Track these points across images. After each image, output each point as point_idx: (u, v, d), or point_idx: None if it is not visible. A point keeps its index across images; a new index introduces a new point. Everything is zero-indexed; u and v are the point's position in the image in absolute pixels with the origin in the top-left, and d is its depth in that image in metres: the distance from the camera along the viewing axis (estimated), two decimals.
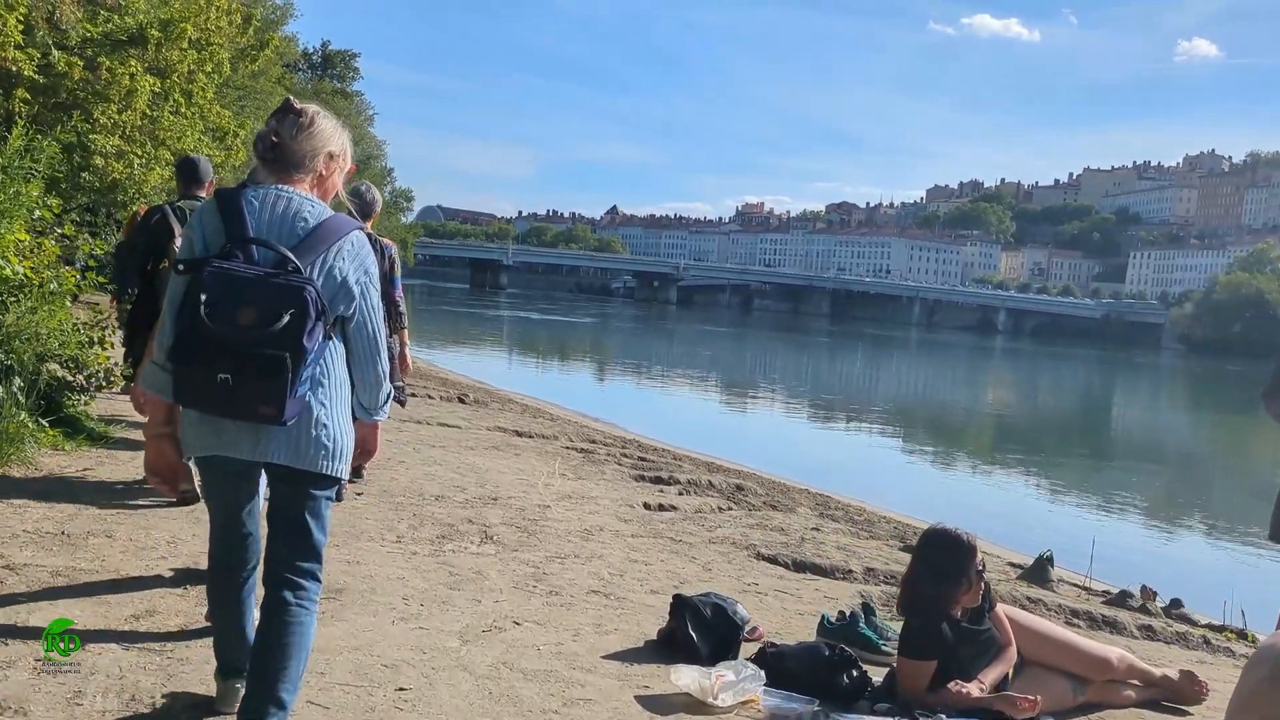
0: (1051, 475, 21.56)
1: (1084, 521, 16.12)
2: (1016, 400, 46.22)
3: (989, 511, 15.97)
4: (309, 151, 3.30)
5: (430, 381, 19.83)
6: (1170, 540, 15.99)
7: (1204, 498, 21.29)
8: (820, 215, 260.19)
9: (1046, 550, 8.73)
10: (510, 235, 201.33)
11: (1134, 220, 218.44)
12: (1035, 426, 34.03)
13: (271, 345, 2.96)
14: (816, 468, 17.90)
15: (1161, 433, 37.16)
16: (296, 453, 3.17)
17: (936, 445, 25.82)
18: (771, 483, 12.80)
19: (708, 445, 17.86)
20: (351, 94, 75.00)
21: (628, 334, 73.21)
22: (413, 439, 10.76)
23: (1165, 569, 11.73)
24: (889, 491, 16.02)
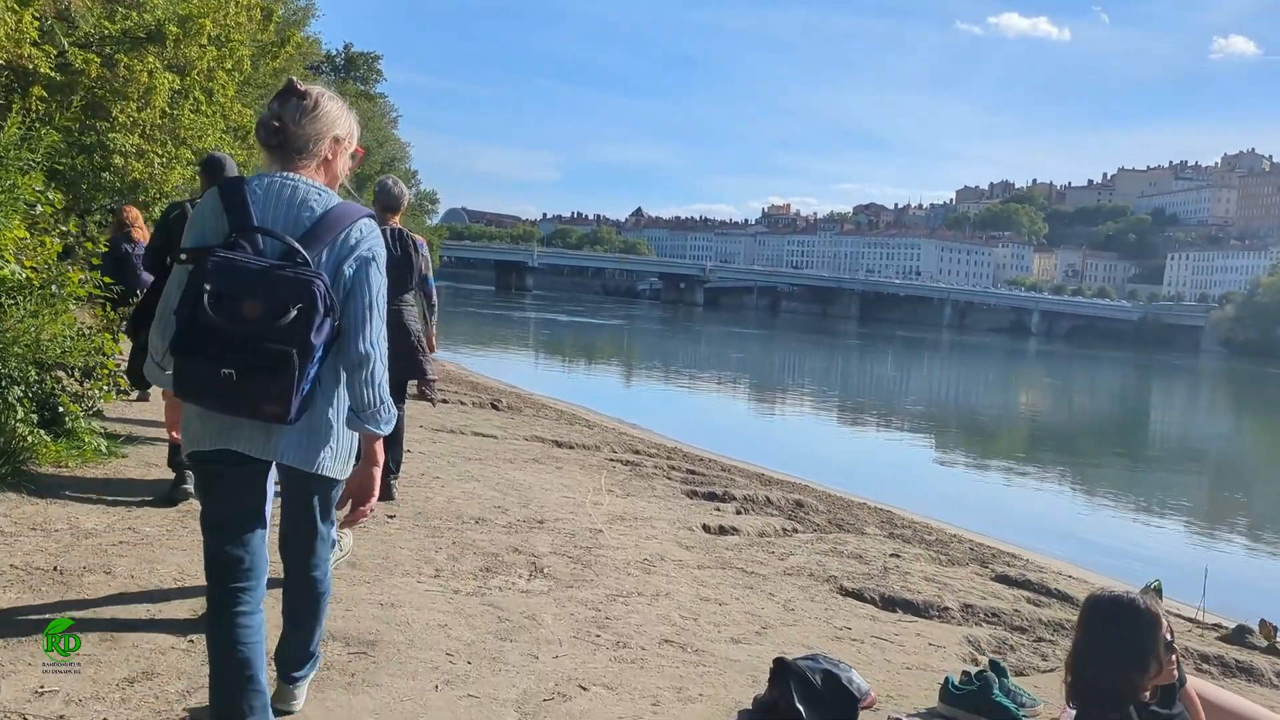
0: (1124, 488, 20.54)
1: (1170, 539, 15.21)
2: (1065, 405, 45.08)
3: (1064, 529, 15.07)
4: (314, 135, 3.15)
5: (461, 386, 19.10)
6: (1271, 562, 14.90)
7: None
8: (848, 217, 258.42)
9: (1154, 580, 7.84)
10: (535, 237, 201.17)
11: (1171, 221, 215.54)
12: (1094, 434, 32.96)
13: (278, 340, 2.85)
14: (869, 478, 17.12)
15: (1235, 440, 36.03)
16: (306, 454, 3.08)
17: (990, 453, 24.87)
18: (829, 497, 11.98)
19: (752, 453, 17.22)
20: (375, 96, 74.69)
21: (656, 336, 72.44)
22: (447, 450, 9.99)
23: (1272, 597, 10.80)
24: (951, 505, 15.15)
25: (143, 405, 10.07)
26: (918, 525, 10.88)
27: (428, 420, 12.03)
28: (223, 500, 3.15)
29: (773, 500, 10.00)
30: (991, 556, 9.42)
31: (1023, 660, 5.54)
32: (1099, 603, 3.48)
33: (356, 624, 4.56)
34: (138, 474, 6.98)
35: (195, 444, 3.10)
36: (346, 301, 3.05)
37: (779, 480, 12.91)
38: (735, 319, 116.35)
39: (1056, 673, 5.34)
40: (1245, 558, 14.53)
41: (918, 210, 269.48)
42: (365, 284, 3.08)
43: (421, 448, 9.89)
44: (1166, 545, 14.71)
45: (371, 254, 3.10)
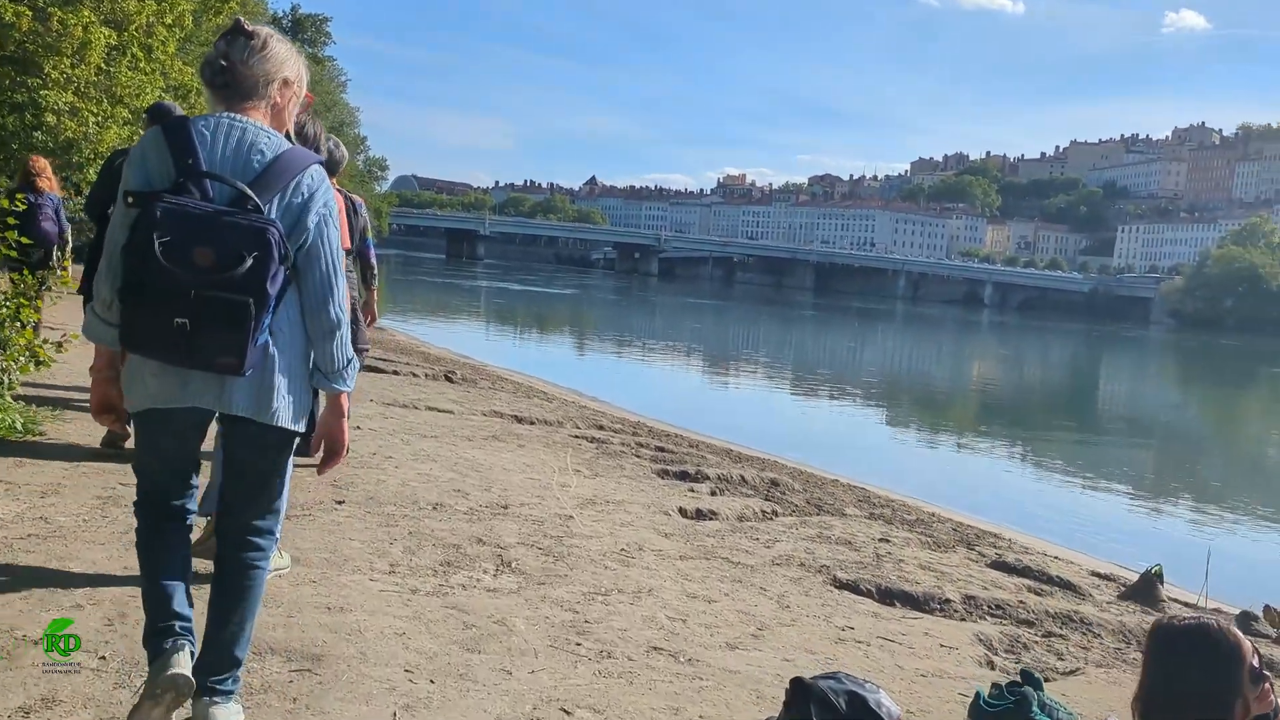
0: (1094, 463, 20.20)
1: (1155, 519, 14.86)
2: (1025, 378, 44.94)
3: (1040, 507, 14.68)
4: (262, 76, 3.04)
5: (413, 357, 18.44)
6: (1258, 542, 14.50)
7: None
8: (803, 188, 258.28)
9: (1154, 565, 7.42)
10: (487, 205, 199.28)
11: (1122, 194, 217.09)
12: (1056, 407, 32.75)
13: (234, 290, 2.77)
14: (837, 453, 16.82)
15: (1202, 415, 35.96)
16: (259, 404, 2.97)
17: (955, 428, 24.52)
18: (803, 474, 11.49)
19: (716, 428, 16.81)
20: (323, 59, 73.24)
21: (611, 306, 71.84)
22: (400, 427, 9.34)
23: (1269, 580, 10.39)
24: (923, 482, 14.85)
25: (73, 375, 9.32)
26: (895, 504, 10.42)
27: (379, 394, 11.38)
28: (161, 451, 3.09)
29: (747, 479, 9.45)
30: (976, 538, 8.98)
31: (1039, 660, 5.03)
32: (1168, 635, 2.86)
33: (300, 634, 3.94)
34: (57, 456, 6.30)
35: (150, 401, 2.97)
36: (309, 264, 2.99)
37: (749, 457, 12.41)
38: (690, 289, 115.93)
39: (1080, 676, 4.84)
40: (1230, 538, 14.17)
41: (873, 182, 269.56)
42: (324, 243, 3.01)
43: (372, 424, 9.25)
44: (1148, 524, 14.38)
45: (327, 209, 3.02)
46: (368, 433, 8.69)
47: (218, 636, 3.08)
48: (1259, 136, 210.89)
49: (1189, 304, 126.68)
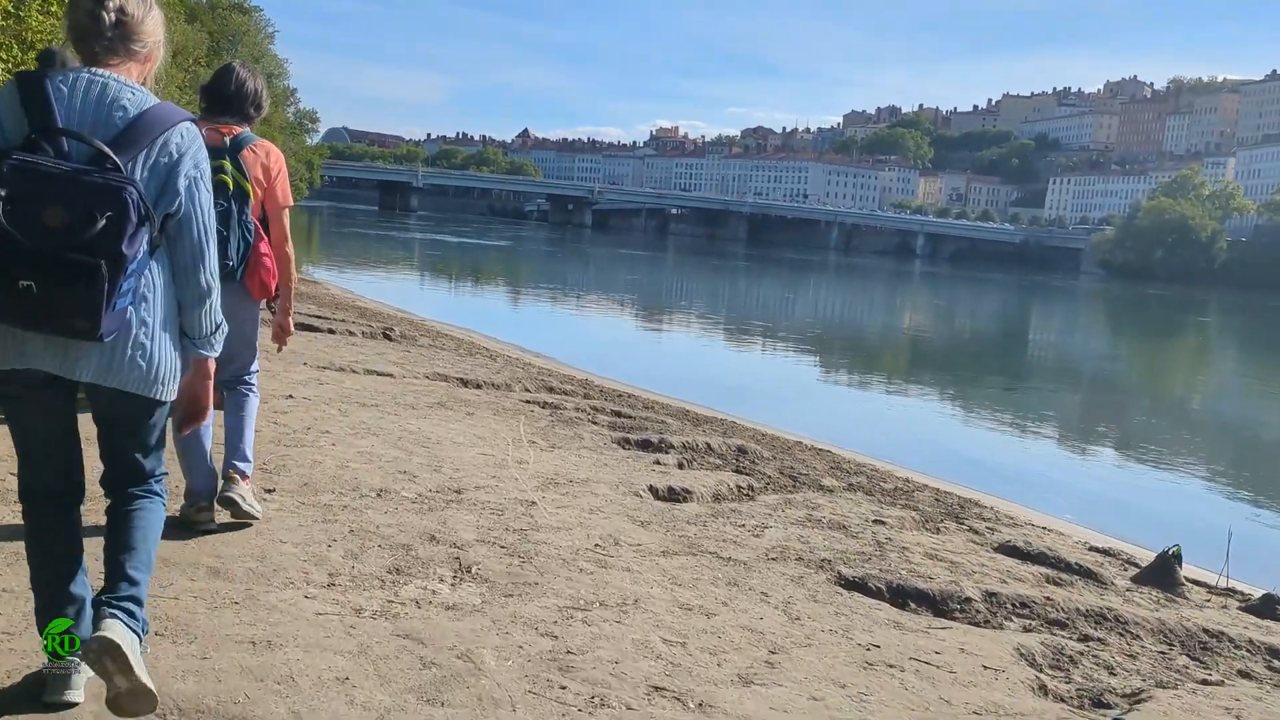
0: (1049, 418, 19.89)
1: (1145, 480, 14.33)
2: (963, 327, 44.83)
3: (1009, 465, 14.19)
4: (151, 34, 2.91)
5: (349, 313, 17.47)
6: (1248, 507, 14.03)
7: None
8: (736, 140, 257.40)
9: (1172, 545, 6.77)
10: (420, 157, 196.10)
11: (1053, 146, 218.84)
12: (999, 356, 32.45)
13: (85, 251, 2.62)
14: (791, 410, 16.35)
15: (1146, 361, 35.89)
16: (109, 371, 2.81)
17: (904, 379, 24.05)
18: (765, 437, 10.80)
19: (667, 383, 16.51)
20: (250, 9, 70.93)
21: (546, 258, 70.84)
22: (337, 394, 8.47)
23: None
24: (885, 439, 14.43)
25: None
26: (867, 470, 9.75)
27: (313, 356, 10.49)
28: (30, 425, 2.94)
29: (713, 448, 8.72)
30: (960, 508, 8.35)
31: (1091, 678, 4.34)
32: None
33: (216, 685, 3.11)
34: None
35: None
36: (180, 229, 2.88)
37: (707, 418, 11.70)
38: (624, 241, 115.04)
39: (1151, 703, 4.15)
40: (1210, 502, 13.72)
41: (805, 134, 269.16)
42: (196, 207, 2.89)
43: (306, 391, 8.38)
44: (1130, 487, 13.88)
45: (198, 170, 2.89)
46: (301, 403, 7.83)
47: (112, 560, 2.94)
48: (1190, 90, 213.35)
49: (1119, 255, 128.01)
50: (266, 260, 4.73)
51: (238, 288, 4.63)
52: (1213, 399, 26.35)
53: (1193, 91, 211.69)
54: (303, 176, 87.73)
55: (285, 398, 7.90)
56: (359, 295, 24.64)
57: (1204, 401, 25.82)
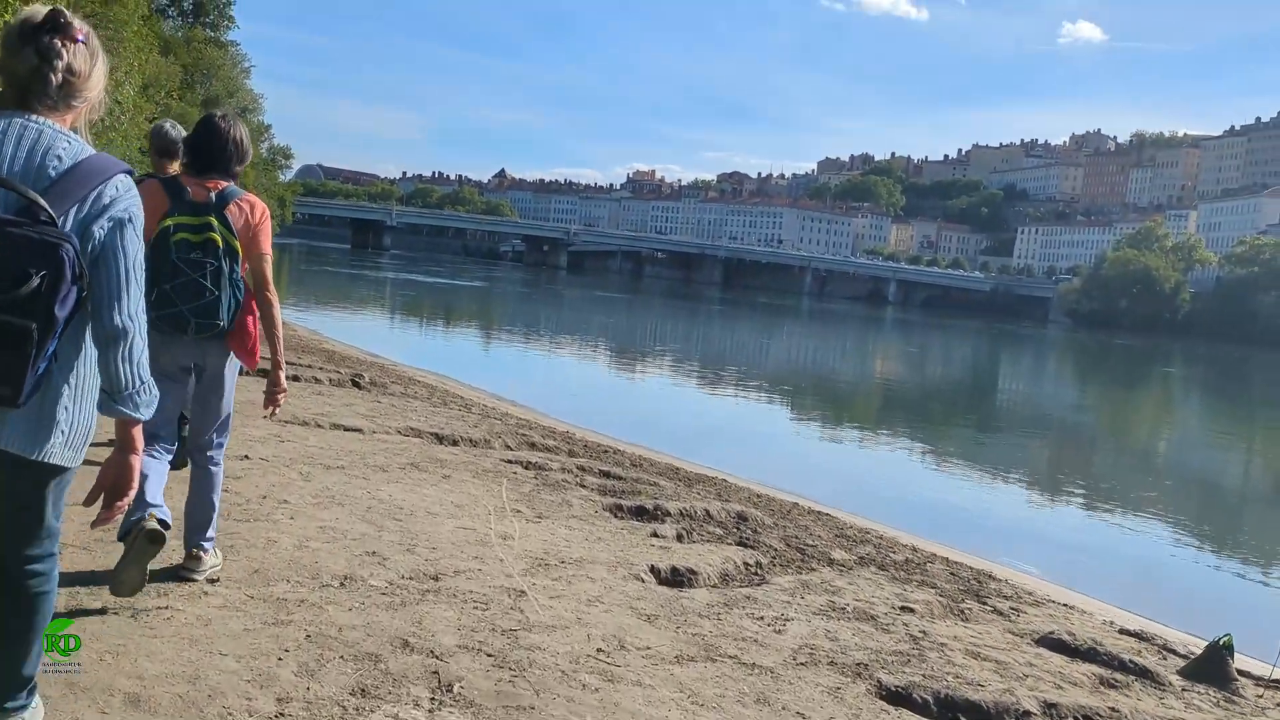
0: (1058, 477, 19.37)
1: (1146, 546, 13.67)
2: (937, 374, 44.37)
3: (1009, 528, 13.58)
4: (95, 86, 2.74)
5: (316, 357, 16.68)
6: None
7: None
8: (712, 184, 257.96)
9: (1223, 635, 6.08)
10: (394, 196, 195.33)
11: (1021, 197, 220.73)
12: (976, 406, 31.94)
13: (15, 312, 2.43)
14: (778, 464, 15.84)
15: (1128, 414, 35.43)
16: (33, 439, 2.60)
17: (888, 428, 23.38)
18: (762, 500, 10.11)
19: (651, 435, 16.10)
20: (226, 44, 70.34)
21: (520, 299, 70.16)
22: (300, 454, 7.68)
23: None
24: (877, 498, 14.02)
25: None
26: (872, 538, 9.07)
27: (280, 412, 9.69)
28: None
29: (712, 515, 8.00)
30: (978, 584, 7.70)
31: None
32: None
33: None
34: None
35: None
36: (95, 267, 2.60)
37: (699, 477, 10.98)
38: (599, 283, 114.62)
39: None
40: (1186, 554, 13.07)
41: (780, 180, 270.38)
42: (118, 249, 2.63)
43: (265, 450, 7.59)
44: (1134, 554, 13.21)
45: (127, 215, 2.66)
46: (258, 465, 7.05)
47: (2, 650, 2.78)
48: (1152, 144, 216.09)
49: (1085, 304, 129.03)
50: (251, 322, 4.55)
51: (222, 348, 4.53)
52: (1193, 454, 25.84)
53: (1154, 145, 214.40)
54: (274, 214, 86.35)
55: (241, 458, 7.12)
56: (327, 338, 23.83)
57: (1185, 457, 25.33)
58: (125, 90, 24.78)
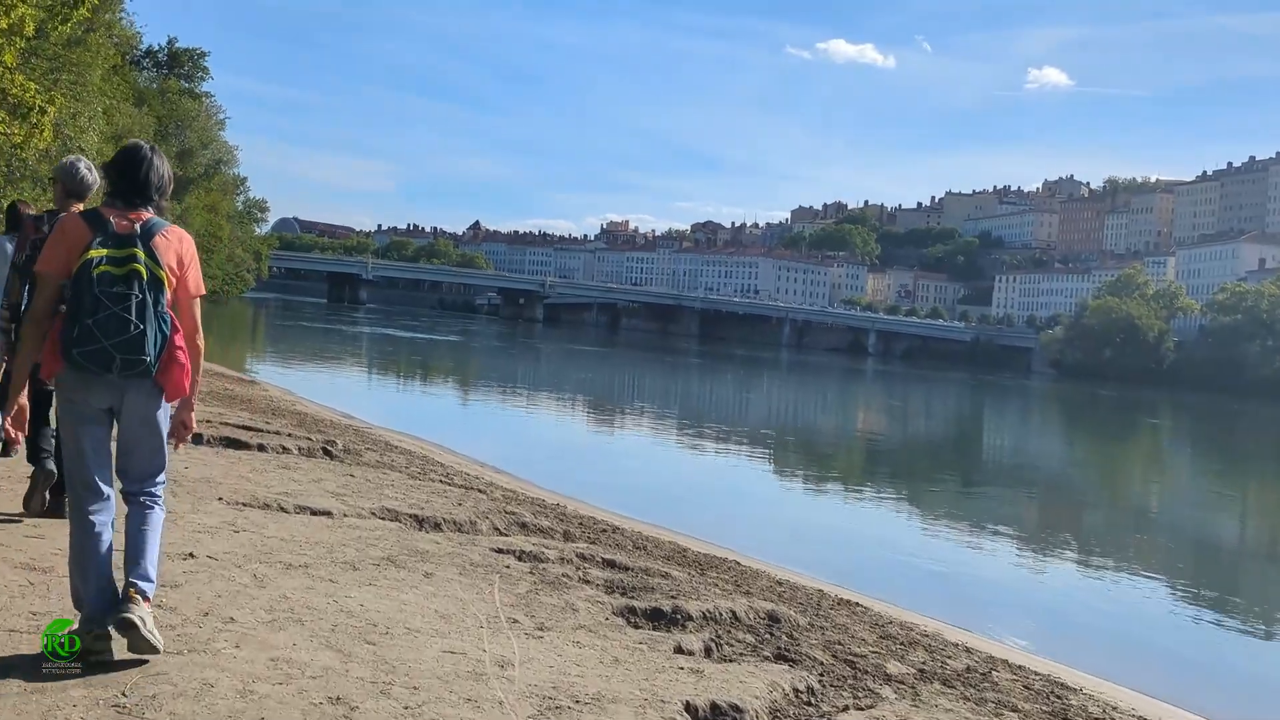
0: (1078, 545, 18.40)
1: (1197, 629, 12.59)
2: (924, 428, 43.42)
3: (1046, 610, 12.53)
4: None
5: (286, 420, 15.50)
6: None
7: None
8: (686, 234, 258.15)
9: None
10: (369, 249, 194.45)
11: (997, 244, 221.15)
12: (981, 468, 30.96)
13: None
14: (781, 532, 15.22)
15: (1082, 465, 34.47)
16: None
17: (890, 490, 22.27)
18: (785, 588, 9.00)
19: (642, 504, 15.26)
20: (200, 95, 69.48)
21: (497, 354, 69.12)
22: (256, 550, 6.49)
23: None
24: (891, 573, 13.07)
25: None
26: (919, 638, 7.95)
27: (233, 486, 8.50)
28: None
29: (740, 617, 6.89)
30: (1058, 698, 6.69)
31: None
32: None
33: None
34: None
35: None
36: None
37: (709, 560, 9.85)
38: (576, 336, 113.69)
39: None
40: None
41: (754, 229, 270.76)
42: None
43: (215, 544, 6.41)
44: (1179, 637, 12.14)
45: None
46: (204, 566, 5.86)
47: None
48: (1125, 189, 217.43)
49: (1069, 354, 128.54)
50: (181, 355, 4.34)
51: (150, 386, 4.31)
52: (1210, 517, 24.86)
53: (1128, 191, 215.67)
54: (249, 267, 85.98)
55: (184, 557, 5.93)
56: (300, 398, 22.64)
57: (1225, 526, 24.32)
58: (89, 137, 23.76)
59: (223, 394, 18.15)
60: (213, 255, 66.30)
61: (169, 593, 5.14)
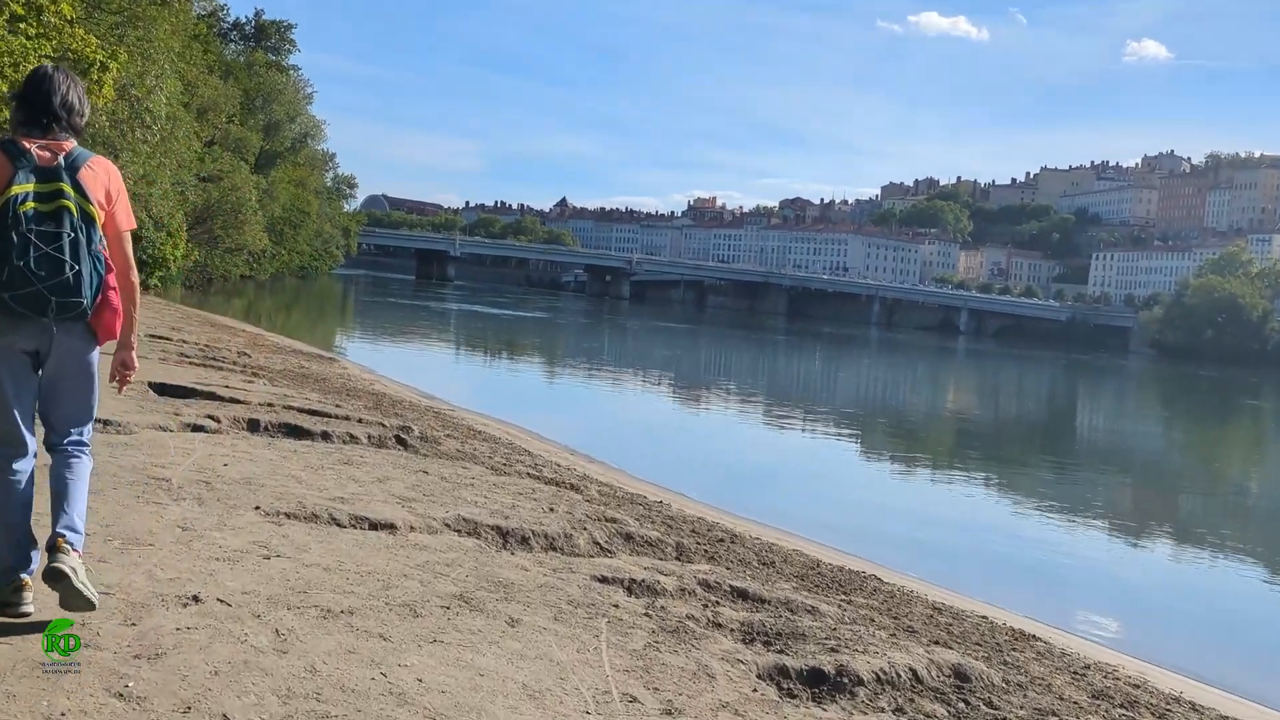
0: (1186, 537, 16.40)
1: None
2: (1040, 412, 41.19)
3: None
4: None
5: (361, 401, 14.08)
6: None
7: None
8: (774, 211, 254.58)
9: None
10: (457, 226, 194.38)
11: (1094, 221, 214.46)
12: (1090, 453, 28.84)
13: None
14: (913, 531, 13.62)
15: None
16: None
17: (1009, 480, 20.35)
18: (947, 612, 7.31)
19: (747, 495, 14.45)
20: (287, 68, 68.94)
21: (582, 330, 67.83)
22: (285, 588, 4.91)
23: None
24: (1042, 584, 11.45)
25: None
26: (1125, 686, 6.24)
27: (277, 487, 7.00)
28: None
29: (920, 675, 5.21)
30: None
31: None
32: None
33: None
34: None
35: None
36: None
37: (852, 578, 8.30)
38: (662, 313, 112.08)
39: None
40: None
41: (843, 206, 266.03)
42: None
43: (232, 578, 4.85)
44: None
45: None
46: (209, 615, 4.30)
47: None
48: (1228, 165, 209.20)
49: (1169, 334, 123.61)
50: (114, 296, 4.10)
51: (83, 330, 4.04)
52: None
53: (1231, 166, 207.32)
54: (338, 244, 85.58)
55: (185, 602, 4.39)
56: (379, 377, 21.31)
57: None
58: (157, 99, 22.47)
59: (296, 372, 16.87)
60: (299, 230, 65.79)
61: (143, 668, 3.60)
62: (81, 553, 3.98)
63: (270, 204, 55.08)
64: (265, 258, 55.26)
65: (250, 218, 45.00)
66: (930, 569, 11.06)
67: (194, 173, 37.48)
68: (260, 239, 48.11)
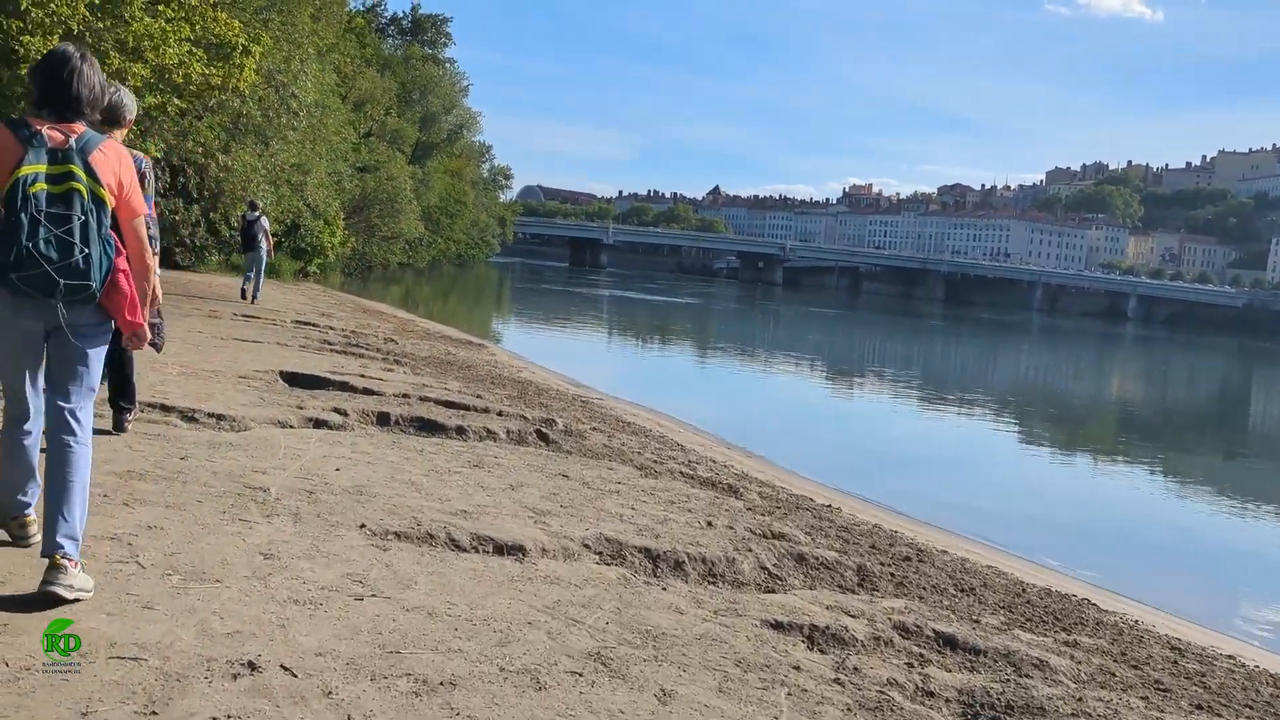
0: None
1: None
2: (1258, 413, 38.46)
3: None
4: None
5: (505, 390, 13.11)
6: None
7: None
8: (932, 197, 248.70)
9: None
10: (610, 214, 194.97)
11: (1275, 205, 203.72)
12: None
13: None
14: (1072, 525, 12.15)
15: None
16: None
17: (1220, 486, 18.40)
18: (1184, 652, 5.97)
19: (914, 492, 13.20)
20: (443, 61, 69.21)
21: (734, 316, 66.53)
22: (375, 645, 3.82)
23: None
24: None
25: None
26: None
27: (392, 497, 5.96)
28: None
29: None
30: None
31: None
32: None
33: None
34: None
35: None
36: None
37: (1067, 608, 6.92)
38: (815, 299, 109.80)
39: None
40: None
41: (1005, 192, 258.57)
42: None
43: (307, 633, 3.79)
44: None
45: None
46: (262, 690, 3.24)
47: None
48: None
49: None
50: (123, 280, 4.01)
51: (93, 311, 4.02)
52: None
53: None
54: (495, 233, 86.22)
55: (236, 672, 3.33)
56: (528, 363, 20.44)
57: None
58: (304, 84, 21.96)
59: (441, 359, 16.06)
60: (455, 219, 66.13)
61: None
62: (78, 561, 3.91)
63: (426, 194, 55.25)
64: (422, 245, 55.51)
65: (405, 207, 45.02)
66: (1141, 583, 9.79)
67: (350, 163, 37.44)
68: (415, 227, 48.17)
